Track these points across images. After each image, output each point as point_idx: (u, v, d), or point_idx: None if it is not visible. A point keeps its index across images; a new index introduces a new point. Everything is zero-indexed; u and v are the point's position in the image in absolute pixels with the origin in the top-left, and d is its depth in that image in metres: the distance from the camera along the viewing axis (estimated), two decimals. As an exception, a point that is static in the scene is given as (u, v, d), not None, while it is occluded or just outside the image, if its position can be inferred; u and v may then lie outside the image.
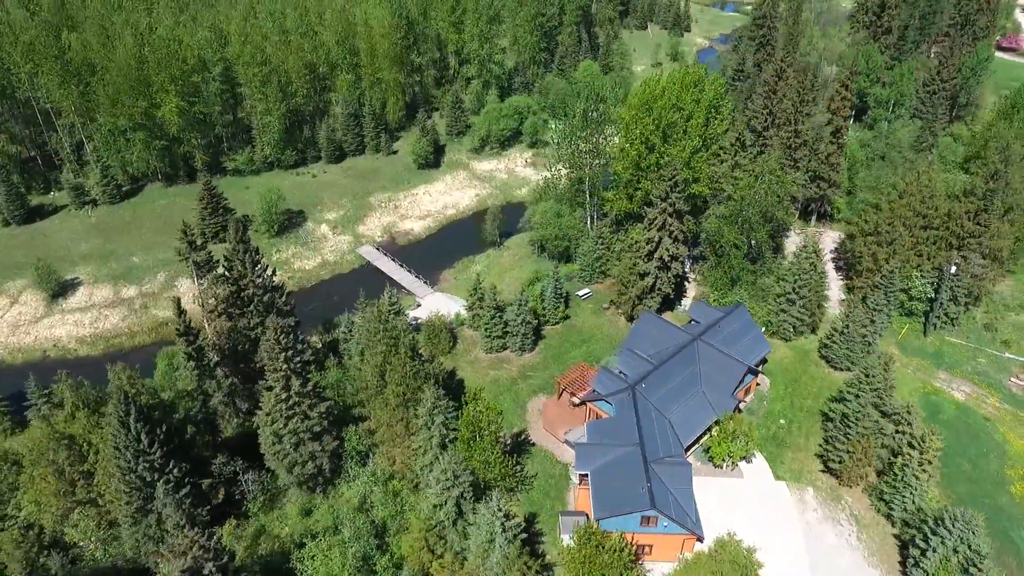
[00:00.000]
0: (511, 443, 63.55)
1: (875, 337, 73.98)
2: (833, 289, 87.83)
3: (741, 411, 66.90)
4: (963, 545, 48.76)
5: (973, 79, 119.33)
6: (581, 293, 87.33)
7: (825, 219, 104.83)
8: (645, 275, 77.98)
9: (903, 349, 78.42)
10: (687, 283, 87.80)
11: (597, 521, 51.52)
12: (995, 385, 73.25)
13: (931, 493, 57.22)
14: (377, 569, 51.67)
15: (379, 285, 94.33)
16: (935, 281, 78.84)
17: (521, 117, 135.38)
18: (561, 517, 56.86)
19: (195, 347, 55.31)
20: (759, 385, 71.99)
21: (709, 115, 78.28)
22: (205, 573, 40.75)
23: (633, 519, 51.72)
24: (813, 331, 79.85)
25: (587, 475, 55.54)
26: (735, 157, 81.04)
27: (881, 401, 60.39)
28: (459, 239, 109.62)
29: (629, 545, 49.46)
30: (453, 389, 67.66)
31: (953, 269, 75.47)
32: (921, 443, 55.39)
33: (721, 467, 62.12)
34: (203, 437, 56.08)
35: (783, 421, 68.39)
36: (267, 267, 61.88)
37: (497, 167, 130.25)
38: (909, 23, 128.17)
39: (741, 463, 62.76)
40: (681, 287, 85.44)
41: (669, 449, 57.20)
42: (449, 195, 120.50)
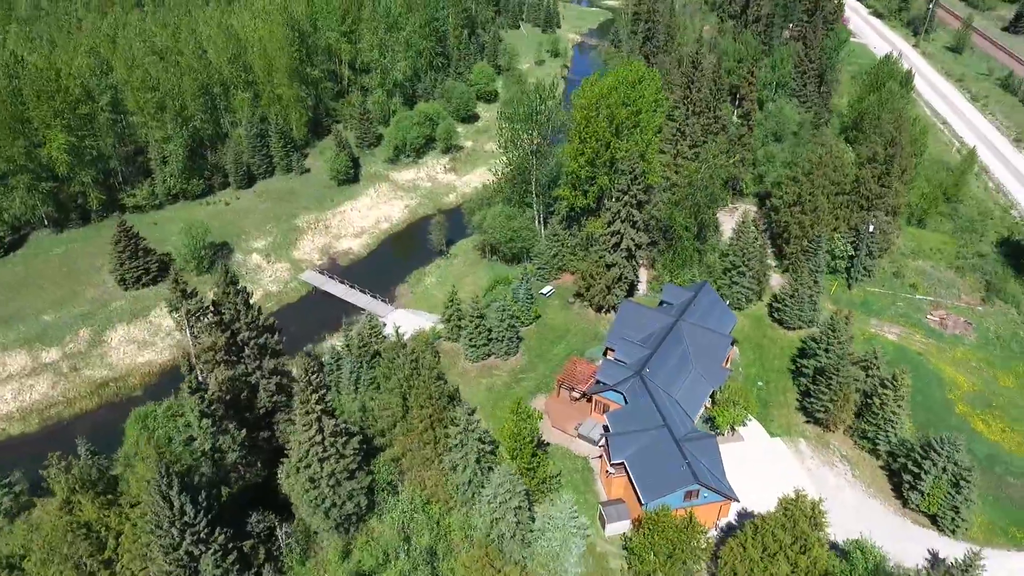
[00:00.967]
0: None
1: (819, 296, 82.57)
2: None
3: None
4: (951, 464, 56.59)
5: (835, 58, 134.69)
6: (544, 291, 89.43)
7: (737, 195, 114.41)
8: (611, 266, 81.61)
9: (836, 303, 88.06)
10: (638, 268, 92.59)
11: (645, 504, 54.18)
12: (917, 324, 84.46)
13: (907, 425, 65.45)
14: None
15: (333, 311, 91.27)
16: (854, 240, 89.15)
17: (433, 123, 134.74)
18: (602, 508, 58.91)
19: (207, 403, 51.05)
20: (735, 354, 77.96)
21: (653, 109, 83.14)
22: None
23: (676, 496, 54.89)
24: (760, 298, 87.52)
25: (621, 464, 58.00)
26: (677, 147, 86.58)
27: (849, 351, 67.96)
28: (401, 252, 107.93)
29: (695, 519, 52.40)
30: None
31: (871, 228, 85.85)
32: (893, 383, 63.09)
33: (723, 434, 67.03)
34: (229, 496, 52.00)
35: (761, 383, 74.75)
36: (259, 307, 58.30)
37: (418, 176, 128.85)
38: (773, 11, 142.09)
39: (740, 428, 68.10)
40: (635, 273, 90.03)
41: (688, 425, 61.04)
42: (378, 209, 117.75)
